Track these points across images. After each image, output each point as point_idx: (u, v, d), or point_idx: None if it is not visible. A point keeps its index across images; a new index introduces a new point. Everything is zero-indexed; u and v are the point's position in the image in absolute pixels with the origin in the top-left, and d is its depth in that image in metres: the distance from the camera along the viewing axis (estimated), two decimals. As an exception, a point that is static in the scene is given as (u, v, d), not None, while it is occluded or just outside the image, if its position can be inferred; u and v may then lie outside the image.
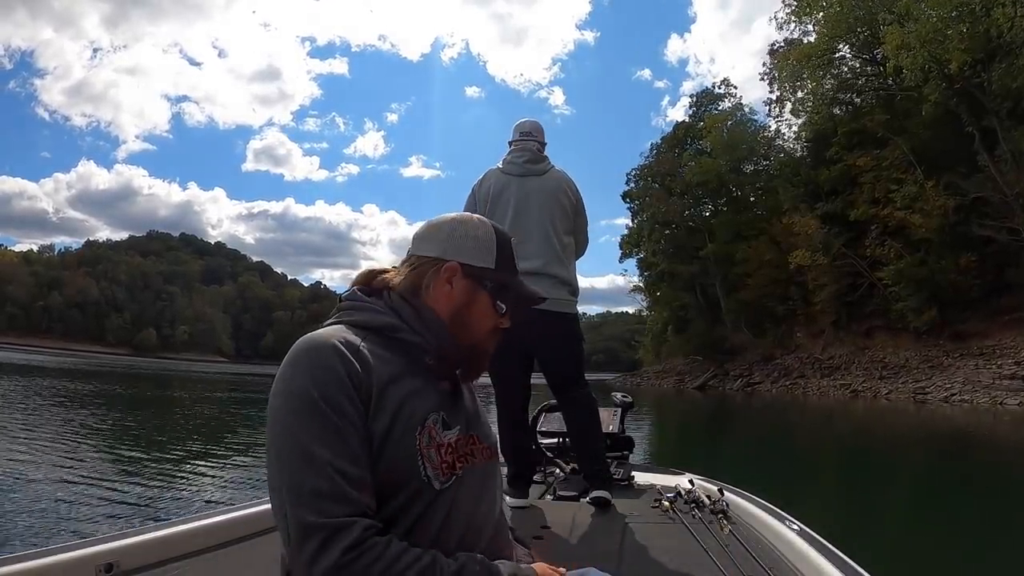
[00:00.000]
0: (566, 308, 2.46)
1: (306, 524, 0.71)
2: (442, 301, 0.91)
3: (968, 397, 18.43)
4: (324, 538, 0.70)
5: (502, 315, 0.94)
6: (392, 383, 0.82)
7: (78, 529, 3.96)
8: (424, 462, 0.80)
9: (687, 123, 42.95)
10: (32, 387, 16.18)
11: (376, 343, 0.85)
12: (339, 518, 0.71)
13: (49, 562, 1.14)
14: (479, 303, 0.92)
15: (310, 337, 0.83)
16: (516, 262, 0.98)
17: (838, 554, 1.34)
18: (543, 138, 2.65)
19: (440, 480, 0.81)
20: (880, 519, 5.10)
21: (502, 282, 0.94)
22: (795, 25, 30.03)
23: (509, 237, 0.98)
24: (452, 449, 0.84)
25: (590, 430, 2.44)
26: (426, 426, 0.82)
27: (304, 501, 0.71)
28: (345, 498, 0.72)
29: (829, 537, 1.46)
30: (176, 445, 8.23)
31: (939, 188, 23.22)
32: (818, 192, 29.99)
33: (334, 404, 0.76)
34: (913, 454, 10.06)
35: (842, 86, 29.81)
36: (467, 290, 0.92)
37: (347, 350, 0.80)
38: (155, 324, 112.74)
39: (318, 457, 0.73)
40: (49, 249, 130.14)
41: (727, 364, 33.63)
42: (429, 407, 0.84)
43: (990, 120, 22.55)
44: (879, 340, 26.44)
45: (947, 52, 21.31)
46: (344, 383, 0.77)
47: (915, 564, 3.83)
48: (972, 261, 22.72)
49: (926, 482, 7.46)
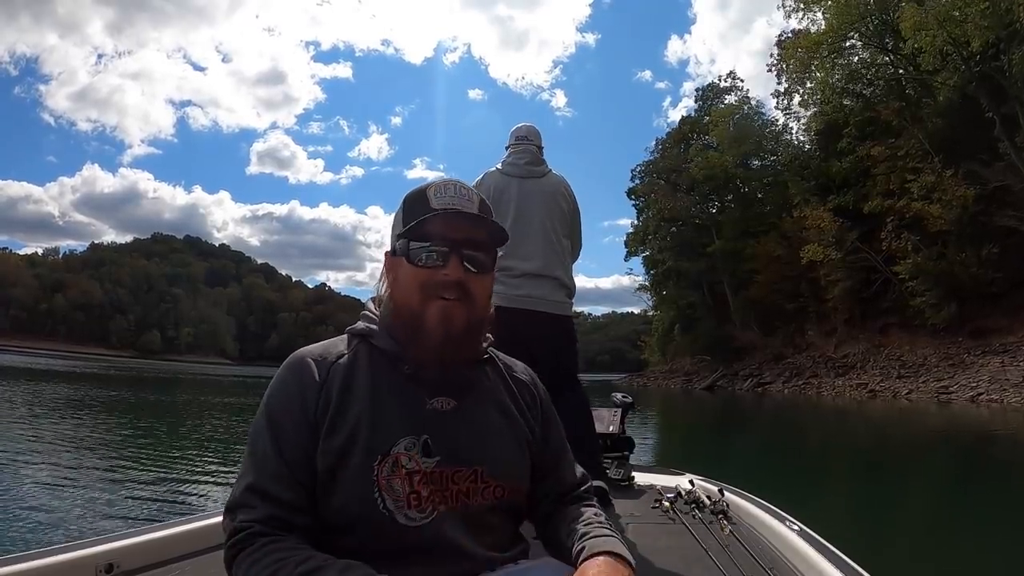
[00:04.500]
0: (564, 311, 2.51)
1: (223, 528, 0.79)
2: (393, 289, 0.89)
3: (997, 396, 17.41)
4: (226, 539, 0.78)
5: (425, 265, 0.84)
6: (357, 401, 0.81)
7: (78, 529, 3.99)
8: (382, 493, 0.77)
9: (692, 118, 42.59)
10: (34, 389, 16.09)
11: (362, 354, 0.86)
12: (239, 523, 0.76)
13: (49, 562, 1.15)
14: (400, 272, 0.87)
15: (296, 351, 0.87)
16: (436, 202, 0.86)
17: (838, 554, 1.34)
18: (540, 142, 2.66)
19: (406, 514, 0.78)
20: (887, 522, 4.97)
21: (409, 235, 0.84)
22: (803, 13, 29.13)
23: (427, 186, 0.89)
24: (427, 479, 0.79)
25: (585, 432, 2.45)
26: (392, 453, 0.79)
27: (227, 509, 0.80)
28: (251, 507, 0.77)
29: (830, 538, 1.45)
30: (177, 446, 8.29)
31: (958, 177, 22.17)
32: (829, 185, 29.22)
33: (276, 421, 0.81)
34: (933, 456, 9.64)
35: (852, 76, 28.84)
36: (391, 269, 0.89)
37: (315, 366, 0.83)
38: (159, 326, 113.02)
39: (247, 472, 0.80)
40: (54, 252, 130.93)
41: (736, 364, 32.78)
42: (403, 429, 0.80)
43: (1011, 106, 21.53)
44: (895, 338, 25.40)
45: (966, 33, 20.33)
46: (292, 399, 0.81)
47: (916, 565, 3.80)
48: (993, 253, 21.66)
49: (943, 485, 7.16)
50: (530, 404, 0.96)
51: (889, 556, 3.76)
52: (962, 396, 18.64)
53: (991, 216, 21.61)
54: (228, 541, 0.77)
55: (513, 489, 0.86)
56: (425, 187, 0.88)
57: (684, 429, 15.06)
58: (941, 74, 22.19)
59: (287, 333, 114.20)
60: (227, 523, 0.79)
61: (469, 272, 0.84)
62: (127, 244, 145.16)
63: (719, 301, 36.96)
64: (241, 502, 0.78)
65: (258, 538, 0.75)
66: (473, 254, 0.85)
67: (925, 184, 22.93)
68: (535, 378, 1.02)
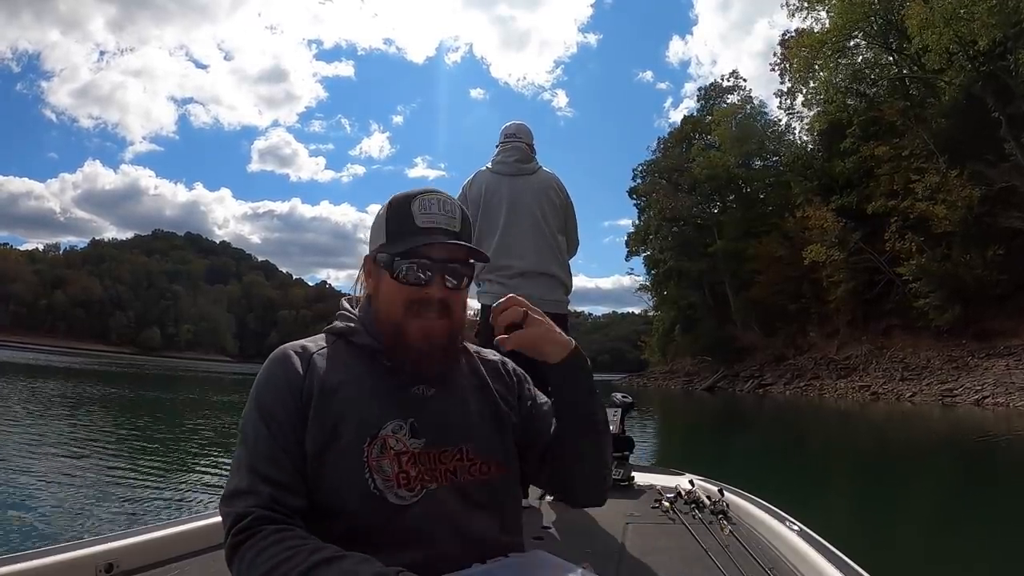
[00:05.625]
0: (559, 309, 2.44)
1: (222, 516, 0.79)
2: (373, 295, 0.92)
3: (1003, 400, 17.13)
4: (228, 527, 0.77)
5: (411, 283, 0.86)
6: (342, 388, 0.83)
7: (78, 529, 3.96)
8: (373, 474, 0.80)
9: (694, 117, 42.42)
10: (33, 386, 15.98)
11: (341, 349, 0.89)
12: (241, 510, 0.76)
13: (49, 562, 1.15)
14: (382, 283, 0.89)
15: (278, 348, 0.89)
16: (420, 220, 0.88)
17: (838, 555, 1.34)
18: (530, 140, 2.63)
19: (396, 493, 0.80)
20: (887, 522, 4.93)
21: (393, 252, 0.87)
22: (807, 12, 28.89)
23: (410, 198, 0.89)
24: (415, 459, 0.82)
25: None
26: (380, 435, 0.81)
27: (224, 498, 0.80)
28: (252, 492, 0.77)
29: (831, 539, 1.44)
30: (176, 445, 8.27)
31: (963, 178, 21.87)
32: (832, 186, 28.94)
33: (266, 410, 0.82)
34: (935, 458, 9.53)
35: (856, 76, 28.61)
36: (373, 275, 0.92)
37: (298, 358, 0.86)
38: (159, 323, 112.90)
39: (242, 460, 0.81)
40: (55, 248, 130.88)
41: (737, 365, 32.55)
42: (389, 414, 0.83)
43: (1017, 105, 21.25)
44: (898, 340, 25.13)
45: (972, 31, 20.08)
46: (280, 389, 0.83)
47: (917, 566, 3.76)
48: (998, 254, 21.32)
49: (945, 487, 7.10)
50: (506, 385, 0.99)
51: (889, 557, 3.73)
52: (967, 399, 18.37)
53: (996, 217, 21.27)
54: (231, 529, 0.76)
55: (499, 466, 0.89)
56: (409, 199, 0.89)
57: (684, 430, 14.96)
58: (947, 73, 21.90)
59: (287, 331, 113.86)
60: (226, 511, 0.78)
61: (450, 289, 0.88)
62: (128, 241, 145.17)
63: (720, 301, 36.73)
64: (240, 488, 0.78)
65: (264, 525, 0.74)
66: (455, 269, 0.88)
67: (930, 184, 22.62)
68: (505, 360, 1.03)
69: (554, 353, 0.91)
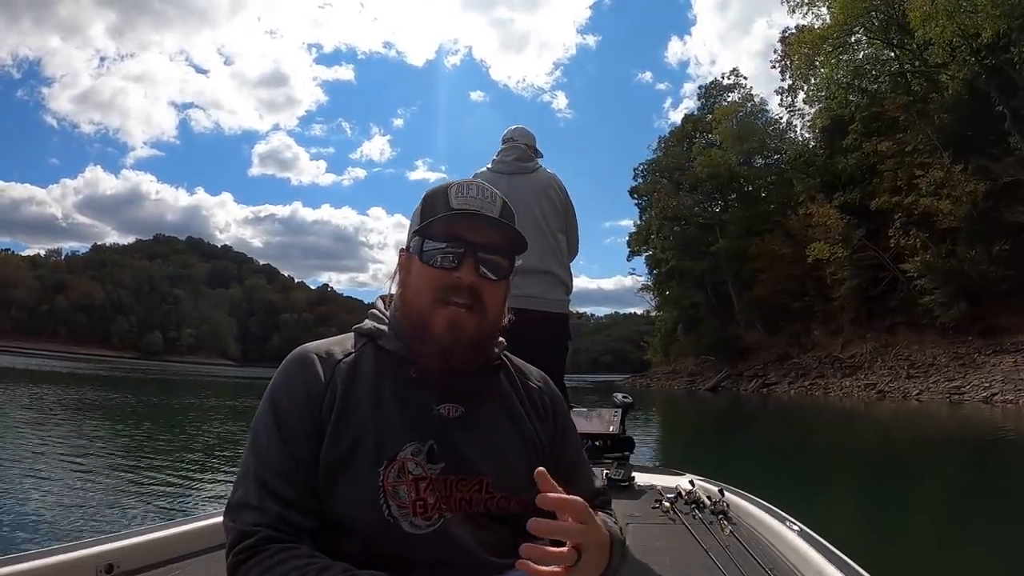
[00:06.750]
0: (560, 308, 2.44)
1: (225, 528, 0.75)
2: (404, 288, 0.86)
3: (1012, 397, 16.89)
4: (231, 541, 0.73)
5: (439, 267, 0.81)
6: (364, 402, 0.78)
7: (78, 529, 3.98)
8: (388, 499, 0.75)
9: (695, 116, 42.34)
10: (35, 391, 16.02)
11: (368, 356, 0.83)
12: (247, 526, 0.72)
13: (49, 562, 1.15)
14: (412, 271, 0.84)
15: (300, 347, 0.84)
16: (456, 202, 0.83)
17: (839, 555, 1.33)
18: (530, 141, 2.64)
19: (412, 522, 0.75)
20: (888, 523, 4.89)
21: (425, 233, 0.81)
22: (807, 8, 28.69)
23: (448, 185, 0.85)
24: (433, 486, 0.77)
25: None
26: (398, 458, 0.76)
27: (229, 508, 0.76)
28: (259, 509, 0.73)
29: (831, 539, 1.44)
30: (177, 446, 8.24)
31: (967, 173, 21.64)
32: (835, 183, 28.79)
33: (282, 419, 0.77)
34: (941, 458, 9.43)
35: (858, 72, 28.39)
36: (405, 267, 0.86)
37: (322, 365, 0.80)
38: (161, 327, 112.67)
39: (250, 469, 0.76)
40: (56, 253, 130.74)
41: (740, 364, 32.30)
42: (410, 435, 0.78)
43: (1021, 99, 21.08)
44: (903, 337, 24.85)
45: (976, 24, 19.85)
46: (298, 395, 0.78)
47: (918, 567, 3.73)
48: (1004, 250, 21.07)
49: (950, 487, 7.04)
50: (543, 413, 0.91)
51: (890, 557, 3.70)
52: (975, 397, 18.16)
53: (1001, 212, 21.06)
54: (235, 545, 0.72)
55: (520, 501, 0.81)
56: (447, 185, 0.85)
57: (685, 430, 14.88)
58: (950, 67, 21.67)
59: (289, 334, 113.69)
60: (230, 524, 0.74)
61: (484, 278, 0.81)
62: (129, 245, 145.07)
63: (723, 301, 36.51)
64: (245, 501, 0.74)
65: (270, 544, 0.71)
66: (489, 258, 0.82)
67: (934, 180, 22.38)
68: (550, 384, 0.97)
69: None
